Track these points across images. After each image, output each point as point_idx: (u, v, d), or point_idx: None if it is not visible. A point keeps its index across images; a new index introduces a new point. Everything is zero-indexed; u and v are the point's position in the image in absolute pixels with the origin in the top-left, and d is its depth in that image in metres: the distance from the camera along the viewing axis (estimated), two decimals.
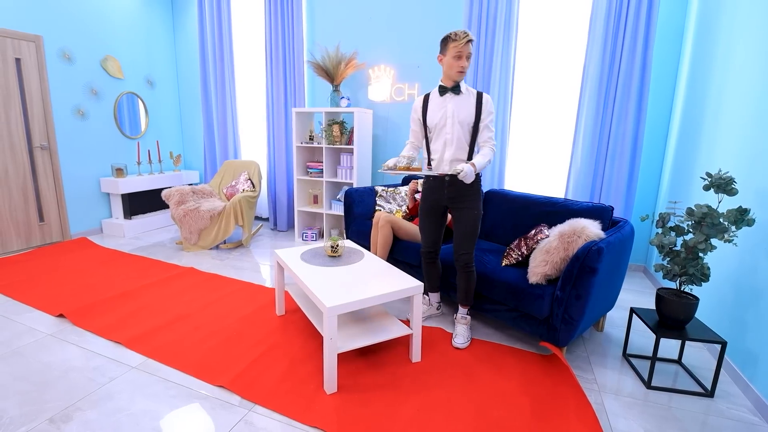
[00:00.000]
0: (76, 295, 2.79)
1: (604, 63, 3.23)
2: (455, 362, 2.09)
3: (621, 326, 2.57)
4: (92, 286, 2.94)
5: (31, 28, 3.71)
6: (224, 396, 1.80)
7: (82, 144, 4.22)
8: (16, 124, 3.66)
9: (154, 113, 4.97)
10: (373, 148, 4.35)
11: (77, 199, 4.22)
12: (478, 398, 1.81)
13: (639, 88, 3.16)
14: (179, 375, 1.95)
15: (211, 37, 4.63)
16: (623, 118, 3.23)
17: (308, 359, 2.06)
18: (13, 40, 3.58)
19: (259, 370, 1.97)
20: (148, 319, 2.46)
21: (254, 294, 2.86)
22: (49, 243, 3.98)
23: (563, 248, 2.05)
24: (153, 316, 2.50)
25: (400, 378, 1.94)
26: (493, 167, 3.72)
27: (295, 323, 2.45)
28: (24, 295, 2.77)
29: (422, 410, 1.72)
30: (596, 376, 2.03)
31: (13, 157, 3.67)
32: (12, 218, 3.70)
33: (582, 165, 3.41)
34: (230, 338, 2.26)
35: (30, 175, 3.81)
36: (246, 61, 4.79)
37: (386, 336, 2.02)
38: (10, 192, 3.67)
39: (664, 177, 3.37)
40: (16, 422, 1.62)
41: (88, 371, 1.96)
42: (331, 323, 1.77)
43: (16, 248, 3.75)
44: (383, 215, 2.89)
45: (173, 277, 3.16)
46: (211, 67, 4.71)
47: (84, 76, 4.16)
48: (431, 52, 3.93)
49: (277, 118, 4.49)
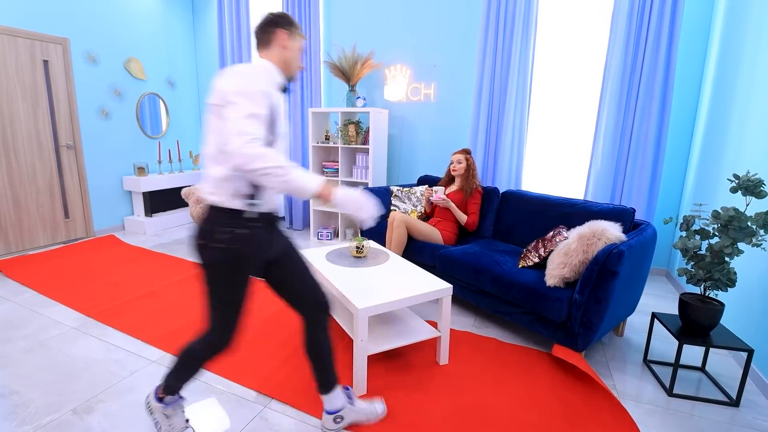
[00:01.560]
0: (102, 293, 2.88)
1: (626, 60, 3.16)
2: (483, 365, 2.07)
3: (642, 332, 2.51)
4: (118, 284, 3.03)
5: (59, 31, 3.84)
6: (240, 392, 1.83)
7: (106, 143, 4.35)
8: (43, 124, 3.80)
9: (174, 113, 5.09)
10: (389, 148, 4.35)
11: (101, 196, 4.35)
12: (510, 402, 1.80)
13: (663, 86, 3.08)
14: None
15: (230, 38, 4.71)
16: (646, 117, 3.16)
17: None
18: (41, 43, 3.72)
19: (287, 372, 1.97)
20: (173, 319, 2.52)
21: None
22: (74, 239, 4.12)
23: (583, 250, 2.02)
24: (177, 316, 2.56)
25: (428, 380, 1.93)
26: (510, 167, 3.67)
27: None
28: (50, 290, 2.87)
29: (456, 413, 1.72)
30: (615, 382, 1.99)
31: (41, 156, 3.81)
32: (39, 215, 3.84)
33: (602, 165, 3.35)
34: (255, 339, 2.28)
35: (56, 173, 3.94)
36: None
37: (415, 338, 2.00)
38: (37, 189, 3.81)
39: (688, 178, 3.27)
40: (42, 412, 1.68)
41: (110, 364, 2.02)
42: (362, 325, 1.77)
43: (42, 244, 3.88)
44: (398, 215, 2.89)
45: (195, 276, 3.23)
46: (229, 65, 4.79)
47: (108, 77, 4.29)
48: (448, 51, 3.91)
49: (293, 117, 4.54)
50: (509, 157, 3.66)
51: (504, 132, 3.62)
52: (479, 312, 2.70)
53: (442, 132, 4.09)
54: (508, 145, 3.63)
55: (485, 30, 3.57)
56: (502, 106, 3.61)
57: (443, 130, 4.08)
